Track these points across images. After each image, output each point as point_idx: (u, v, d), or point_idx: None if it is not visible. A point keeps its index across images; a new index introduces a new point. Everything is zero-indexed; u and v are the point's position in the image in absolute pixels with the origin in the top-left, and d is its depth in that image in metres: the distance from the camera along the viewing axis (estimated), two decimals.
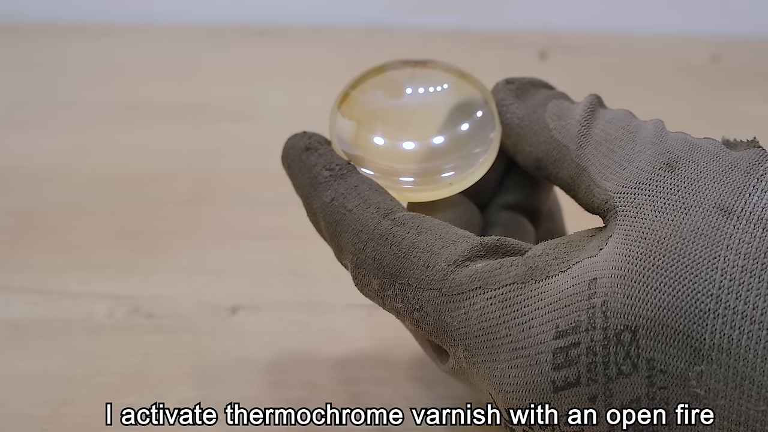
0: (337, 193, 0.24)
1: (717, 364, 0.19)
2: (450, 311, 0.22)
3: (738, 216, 0.20)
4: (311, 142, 0.26)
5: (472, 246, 0.23)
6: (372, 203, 0.24)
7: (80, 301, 0.34)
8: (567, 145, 0.24)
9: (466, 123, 0.26)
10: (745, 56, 0.58)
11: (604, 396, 0.20)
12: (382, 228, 0.23)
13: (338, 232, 0.24)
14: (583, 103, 0.24)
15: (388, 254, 0.23)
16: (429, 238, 0.23)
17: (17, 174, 0.43)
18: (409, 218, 0.24)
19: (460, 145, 0.25)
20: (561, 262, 0.21)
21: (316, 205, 0.25)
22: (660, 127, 0.23)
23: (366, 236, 0.23)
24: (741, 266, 0.19)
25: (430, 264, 0.23)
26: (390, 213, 0.24)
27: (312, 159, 0.25)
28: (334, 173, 0.25)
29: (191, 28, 0.60)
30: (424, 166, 0.25)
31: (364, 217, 0.24)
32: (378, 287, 0.23)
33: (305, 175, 0.25)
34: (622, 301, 0.20)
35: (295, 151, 0.26)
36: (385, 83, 0.27)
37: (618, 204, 0.22)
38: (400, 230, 0.23)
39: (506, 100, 0.26)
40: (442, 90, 0.26)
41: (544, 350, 0.21)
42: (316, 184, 0.25)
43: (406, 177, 0.25)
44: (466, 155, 0.25)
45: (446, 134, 0.26)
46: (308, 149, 0.25)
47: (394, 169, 0.25)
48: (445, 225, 0.24)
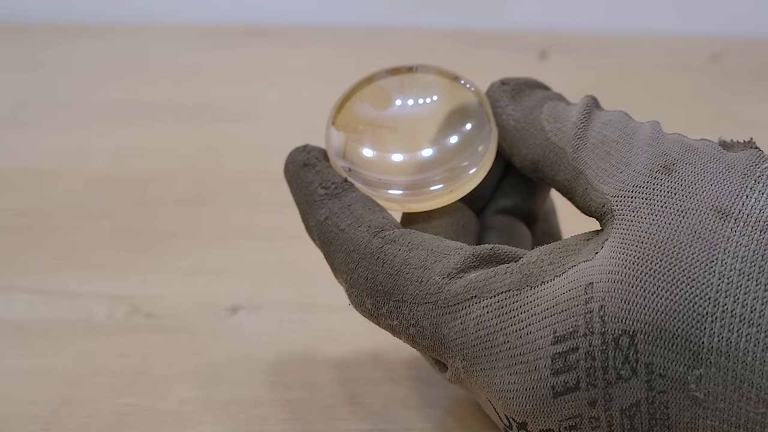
0: (331, 212, 0.24)
1: (716, 367, 0.19)
2: (446, 322, 0.22)
3: (735, 218, 0.20)
4: (309, 158, 0.25)
5: (465, 257, 0.22)
6: (363, 222, 0.24)
7: (80, 301, 0.34)
8: (563, 148, 0.24)
9: (456, 135, 0.25)
10: (745, 56, 0.58)
11: (603, 400, 0.20)
12: (373, 247, 0.23)
13: (332, 251, 0.24)
14: (579, 104, 0.24)
15: (380, 273, 0.23)
16: (421, 253, 0.23)
17: (17, 174, 0.43)
18: (400, 235, 0.23)
19: (452, 156, 0.25)
20: (556, 266, 0.21)
21: (312, 223, 0.25)
22: (656, 129, 0.23)
23: (357, 256, 0.23)
24: (738, 269, 0.19)
25: (423, 279, 0.22)
26: (380, 231, 0.23)
27: (309, 176, 0.25)
28: (329, 192, 0.24)
29: (191, 28, 0.60)
30: (418, 177, 0.25)
31: (355, 236, 0.24)
32: (372, 306, 0.23)
33: (302, 191, 0.25)
34: (619, 305, 0.20)
35: (294, 166, 0.26)
36: (374, 94, 0.26)
37: (615, 208, 0.21)
38: (391, 248, 0.23)
39: (501, 102, 0.25)
40: (432, 101, 0.26)
41: (542, 356, 0.21)
42: (311, 201, 0.25)
43: (396, 189, 0.25)
44: (457, 165, 0.25)
45: (437, 145, 0.25)
46: (306, 165, 0.25)
47: (385, 181, 0.25)
48: (436, 239, 0.23)
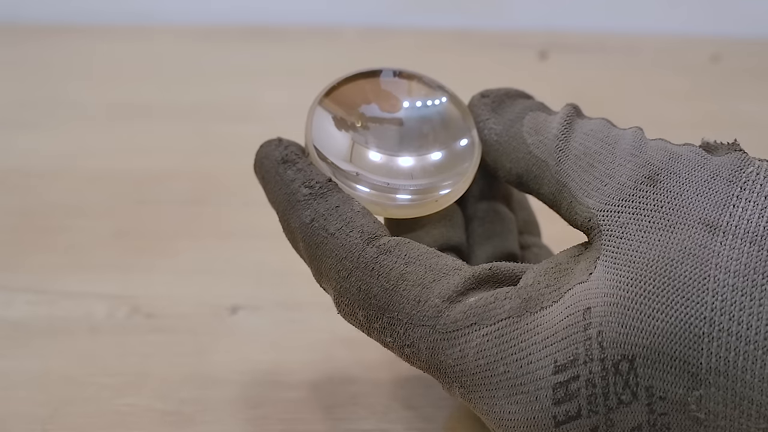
0: (317, 213, 0.23)
1: (715, 387, 0.19)
2: (444, 349, 0.22)
3: (724, 231, 0.19)
4: (288, 153, 0.24)
5: (464, 279, 0.22)
6: (355, 226, 0.23)
7: (80, 301, 0.34)
8: (546, 161, 0.23)
9: (466, 138, 0.25)
10: (745, 56, 0.58)
11: (605, 426, 0.20)
12: (368, 256, 0.22)
13: (319, 256, 0.23)
14: (560, 115, 0.24)
15: (375, 285, 0.22)
16: (418, 269, 0.22)
17: (18, 174, 0.43)
18: (396, 245, 0.23)
19: (460, 159, 0.25)
20: (553, 290, 0.21)
21: (294, 225, 0.23)
22: (639, 137, 0.22)
23: (350, 264, 0.22)
24: (732, 285, 0.19)
25: (421, 299, 0.22)
26: (375, 238, 0.23)
27: (289, 174, 0.24)
28: (314, 191, 0.23)
29: (191, 28, 0.60)
30: (421, 183, 0.24)
31: (347, 242, 0.22)
32: (364, 319, 0.23)
33: (282, 190, 0.24)
34: (617, 330, 0.20)
35: (270, 162, 0.24)
36: (378, 95, 0.26)
37: (602, 223, 0.21)
38: (387, 259, 0.22)
39: (483, 116, 0.25)
40: (440, 103, 0.26)
41: (543, 386, 0.20)
42: (294, 201, 0.23)
43: (402, 194, 0.24)
44: (463, 169, 0.25)
45: (447, 148, 0.25)
46: (285, 162, 0.24)
47: (393, 186, 0.24)
48: (433, 253, 0.23)
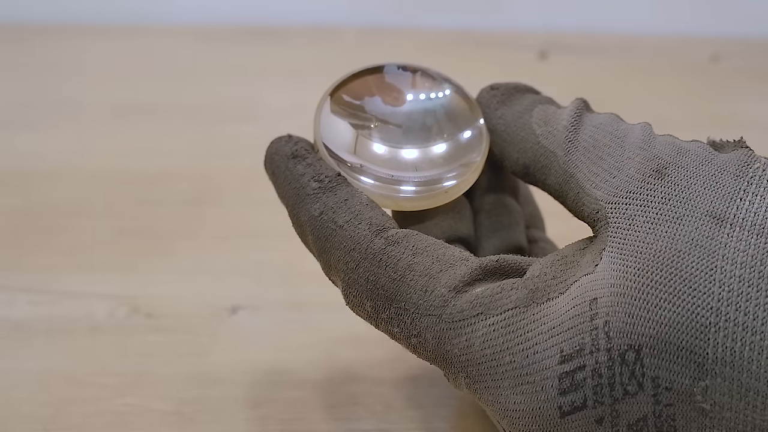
0: (327, 206, 0.23)
1: (721, 377, 0.19)
2: (450, 338, 0.22)
3: (731, 223, 0.20)
4: (298, 149, 0.25)
5: (471, 270, 0.22)
6: (363, 219, 0.23)
7: (81, 301, 0.34)
8: (554, 151, 0.23)
9: (470, 130, 0.25)
10: (745, 56, 0.58)
11: (610, 417, 0.20)
12: (376, 247, 0.23)
13: (327, 248, 0.23)
14: (570, 107, 0.24)
15: (382, 276, 0.22)
16: (426, 260, 0.22)
17: (18, 174, 0.43)
18: (403, 236, 0.23)
19: (464, 151, 0.25)
20: (560, 281, 0.21)
21: (304, 218, 0.24)
22: (648, 132, 0.23)
23: (358, 255, 0.23)
24: (738, 276, 0.19)
25: (428, 288, 0.22)
26: (383, 230, 0.23)
27: (299, 168, 0.24)
28: (323, 185, 0.24)
29: (191, 28, 0.60)
30: (426, 175, 0.24)
31: (356, 234, 0.23)
32: (371, 309, 0.23)
33: (291, 185, 0.24)
34: (623, 320, 0.20)
35: (280, 157, 0.25)
36: (382, 88, 0.26)
37: (609, 214, 0.21)
38: (395, 250, 0.22)
39: (491, 107, 0.25)
40: (444, 96, 0.26)
41: (549, 376, 0.20)
42: (303, 195, 0.24)
43: (407, 186, 0.24)
44: (469, 160, 0.25)
45: (451, 140, 0.25)
46: (295, 157, 0.24)
47: (397, 178, 0.24)
48: (440, 245, 0.23)
